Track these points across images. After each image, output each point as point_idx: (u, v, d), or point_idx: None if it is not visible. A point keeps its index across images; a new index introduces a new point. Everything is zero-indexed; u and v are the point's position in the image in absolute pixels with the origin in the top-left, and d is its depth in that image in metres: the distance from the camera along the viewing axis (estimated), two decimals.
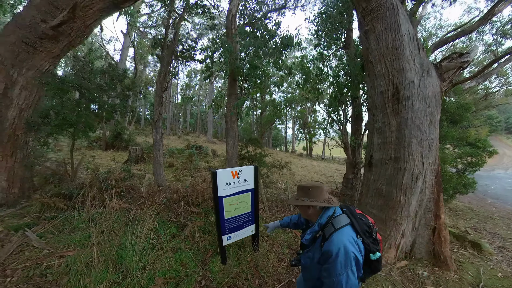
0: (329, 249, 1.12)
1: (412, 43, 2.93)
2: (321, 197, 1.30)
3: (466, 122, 6.45)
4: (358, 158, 5.67)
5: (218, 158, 11.98)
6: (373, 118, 3.22)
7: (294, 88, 24.94)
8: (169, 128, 25.15)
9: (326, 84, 6.15)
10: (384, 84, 2.98)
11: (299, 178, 9.76)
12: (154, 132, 4.94)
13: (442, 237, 2.88)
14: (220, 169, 2.35)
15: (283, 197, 5.87)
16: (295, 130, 31.60)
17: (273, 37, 4.55)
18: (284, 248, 2.89)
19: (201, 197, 3.50)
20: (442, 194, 3.07)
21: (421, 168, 2.75)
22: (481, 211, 6.64)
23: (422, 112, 2.82)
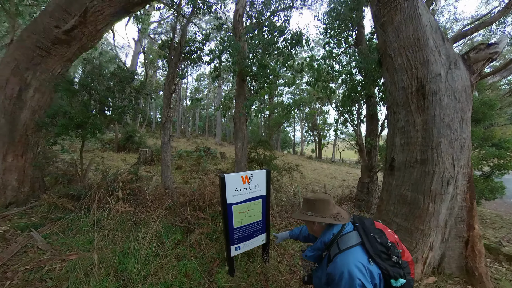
0: (332, 273, 1.00)
1: (435, 33, 2.66)
2: (327, 211, 1.16)
3: (490, 120, 5.89)
4: (374, 160, 5.30)
5: (227, 160, 11.91)
6: (394, 117, 2.93)
7: (302, 90, 24.61)
8: (179, 130, 25.64)
9: (338, 83, 5.90)
10: (406, 79, 2.70)
11: (309, 182, 9.42)
12: (162, 134, 4.91)
13: (477, 251, 2.52)
14: (229, 173, 2.18)
15: (293, 201, 5.60)
16: (303, 132, 31.10)
17: (283, 34, 4.39)
18: (296, 259, 2.66)
19: (209, 202, 3.36)
20: (475, 201, 2.70)
21: (452, 171, 2.43)
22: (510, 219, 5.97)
23: (451, 108, 2.51)
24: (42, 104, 3.64)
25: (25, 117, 3.45)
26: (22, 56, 3.47)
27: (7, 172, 3.31)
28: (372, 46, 4.78)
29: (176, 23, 5.21)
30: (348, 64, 5.46)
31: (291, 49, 4.45)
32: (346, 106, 5.39)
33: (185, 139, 22.85)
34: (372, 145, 5.25)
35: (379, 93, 5.11)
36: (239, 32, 4.87)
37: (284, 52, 4.52)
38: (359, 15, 5.14)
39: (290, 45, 4.40)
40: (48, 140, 3.66)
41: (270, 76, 4.72)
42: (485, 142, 5.71)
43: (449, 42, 2.87)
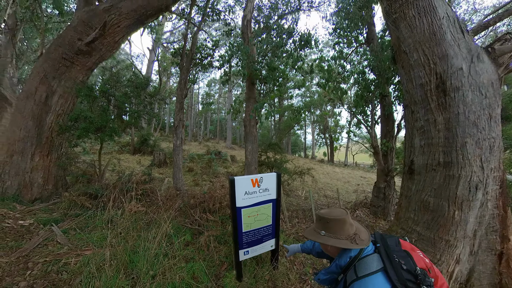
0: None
1: (453, 26, 2.48)
2: (342, 232, 1.00)
3: None
4: (391, 164, 5.01)
5: (237, 164, 11.96)
6: (412, 116, 2.76)
7: (312, 92, 24.26)
8: (191, 134, 26.37)
9: (349, 83, 5.73)
10: (424, 75, 2.54)
11: (321, 186, 9.13)
12: (174, 137, 5.06)
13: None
14: (239, 176, 2.15)
15: (305, 206, 5.44)
16: (315, 135, 30.48)
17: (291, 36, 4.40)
18: (307, 268, 2.54)
19: (219, 204, 3.35)
20: (509, 207, 2.42)
21: (480, 175, 2.20)
22: None
23: (477, 105, 2.30)
24: (66, 109, 3.96)
25: (51, 121, 3.78)
26: (49, 67, 3.83)
27: (34, 170, 3.60)
28: (384, 43, 4.60)
29: (187, 32, 5.44)
30: (359, 63, 5.30)
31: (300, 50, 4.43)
32: (359, 107, 5.19)
33: (197, 143, 23.44)
34: (388, 147, 4.98)
35: (394, 92, 4.87)
36: (248, 36, 4.96)
37: (293, 54, 4.51)
38: (369, 13, 5.01)
39: (299, 47, 4.39)
40: (70, 142, 3.95)
41: (280, 79, 4.71)
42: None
43: (470, 35, 2.67)
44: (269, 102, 6.08)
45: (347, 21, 5.18)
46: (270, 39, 4.56)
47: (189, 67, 5.15)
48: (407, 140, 2.92)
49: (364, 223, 4.41)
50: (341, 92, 5.30)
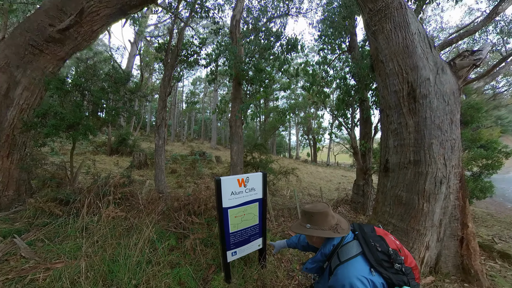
0: (333, 285, 0.98)
1: (423, 41, 2.78)
2: (326, 223, 1.12)
3: (477, 122, 6.16)
4: (368, 163, 5.38)
5: (222, 164, 11.80)
6: (387, 119, 3.00)
7: (297, 95, 24.96)
8: (174, 134, 25.37)
9: (332, 88, 6.04)
10: (398, 83, 2.79)
11: (305, 185, 9.42)
12: (156, 137, 4.83)
13: (471, 249, 2.57)
14: (225, 176, 2.14)
15: (290, 205, 5.57)
16: (299, 136, 31.36)
17: (279, 39, 4.49)
18: (294, 264, 2.61)
19: (204, 206, 3.28)
20: (467, 199, 2.77)
21: (444, 171, 2.49)
22: (502, 217, 6.23)
23: (441, 111, 2.60)
24: (31, 103, 3.51)
25: (12, 116, 3.31)
26: (13, 53, 3.38)
27: None
28: (364, 52, 4.94)
29: (173, 26, 5.24)
30: (341, 69, 5.63)
31: (287, 54, 4.55)
32: (341, 110, 5.51)
33: (180, 143, 22.61)
34: (366, 147, 5.34)
35: (372, 97, 5.24)
36: (236, 36, 4.95)
37: (280, 57, 4.61)
38: (351, 24, 5.36)
39: (286, 50, 4.50)
40: (36, 141, 3.52)
41: (266, 81, 4.78)
42: (474, 143, 6.00)
43: (436, 50, 3.01)
44: (255, 103, 6.12)
45: (331, 29, 5.48)
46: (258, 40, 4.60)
47: (174, 63, 4.96)
48: (382, 141, 3.18)
49: (346, 218, 4.65)
50: (324, 96, 5.57)
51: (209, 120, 34.54)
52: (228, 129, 31.22)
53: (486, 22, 5.78)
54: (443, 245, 2.61)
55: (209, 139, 30.65)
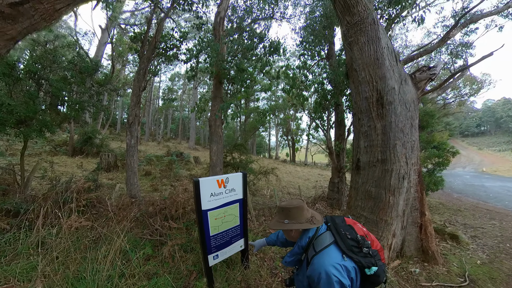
0: (311, 275, 1.06)
1: (390, 55, 3.11)
2: (302, 217, 1.20)
3: (431, 127, 7.20)
4: (342, 162, 5.78)
5: (201, 165, 11.43)
6: (358, 122, 3.27)
7: (277, 97, 25.52)
8: (148, 133, 23.70)
9: (310, 91, 6.36)
10: (368, 90, 3.05)
11: (284, 184, 9.69)
12: (128, 135, 4.44)
13: (428, 233, 2.98)
14: (204, 177, 2.07)
15: (270, 204, 5.67)
16: (278, 137, 32.11)
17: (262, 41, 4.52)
18: (277, 262, 2.67)
19: (182, 210, 3.13)
20: (424, 191, 3.20)
21: (406, 168, 2.82)
22: (450, 205, 7.33)
23: (403, 116, 2.93)
24: None
25: None
26: None
27: None
28: (340, 60, 5.31)
29: (153, 16, 4.85)
30: (319, 75, 5.97)
31: (269, 56, 4.61)
32: (318, 113, 5.83)
33: (155, 143, 21.25)
34: (340, 148, 5.74)
35: (346, 102, 5.65)
36: (219, 34, 4.82)
37: (262, 58, 4.65)
38: (331, 33, 5.75)
39: (269, 53, 4.55)
40: None
41: (248, 81, 4.77)
42: (428, 144, 7.04)
43: (401, 63, 3.40)
44: (236, 102, 6.07)
45: (312, 37, 5.78)
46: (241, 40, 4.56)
47: (151, 56, 4.59)
48: (355, 142, 3.47)
49: (323, 214, 4.93)
50: (303, 99, 5.82)
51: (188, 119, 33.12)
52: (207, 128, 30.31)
53: (440, 44, 6.90)
54: (406, 232, 2.96)
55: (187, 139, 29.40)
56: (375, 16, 3.05)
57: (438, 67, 3.61)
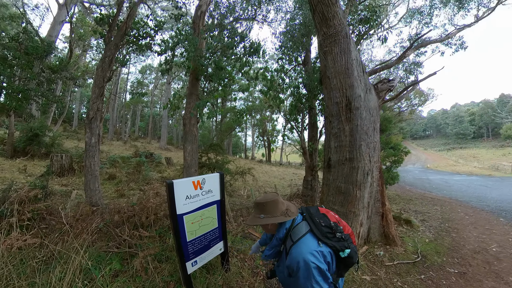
0: (290, 264, 1.09)
1: (359, 66, 3.45)
2: (277, 210, 1.22)
3: (389, 131, 8.37)
4: (315, 161, 6.17)
5: (174, 167, 10.80)
6: (329, 125, 3.54)
7: (254, 98, 25.75)
8: (112, 131, 21.31)
9: (287, 94, 6.62)
10: (339, 96, 3.33)
11: (261, 184, 9.84)
12: (87, 133, 3.89)
13: (389, 220, 3.45)
14: (178, 179, 1.95)
15: (248, 204, 5.69)
16: (254, 137, 32.42)
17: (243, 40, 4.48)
18: (257, 261, 2.69)
19: (154, 216, 2.89)
20: (384, 185, 3.66)
21: (369, 166, 3.17)
22: (404, 196, 8.70)
23: (368, 120, 3.28)
24: None
25: None
26: None
27: None
28: (315, 67, 5.66)
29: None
30: (296, 79, 6.27)
31: (249, 56, 4.60)
32: (293, 115, 6.12)
33: (121, 142, 19.27)
34: (313, 148, 6.12)
35: (319, 106, 6.04)
36: (199, 28, 4.59)
37: (241, 58, 4.61)
38: (308, 41, 6.09)
39: (249, 53, 4.54)
40: None
41: (226, 79, 4.68)
42: (386, 145, 8.37)
43: (366, 75, 3.80)
44: (213, 101, 5.91)
45: (291, 43, 6.03)
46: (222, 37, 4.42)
47: (119, 43, 4.07)
48: (326, 142, 3.75)
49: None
50: (279, 101, 6.03)
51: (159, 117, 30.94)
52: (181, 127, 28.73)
53: (397, 61, 8.16)
54: (371, 221, 3.35)
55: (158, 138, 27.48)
56: (348, 30, 3.37)
57: (396, 80, 4.17)
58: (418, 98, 21.91)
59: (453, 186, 12.10)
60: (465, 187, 11.81)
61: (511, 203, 7.41)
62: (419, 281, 2.60)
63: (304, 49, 6.19)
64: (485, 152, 38.23)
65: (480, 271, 2.89)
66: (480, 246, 3.67)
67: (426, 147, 54.09)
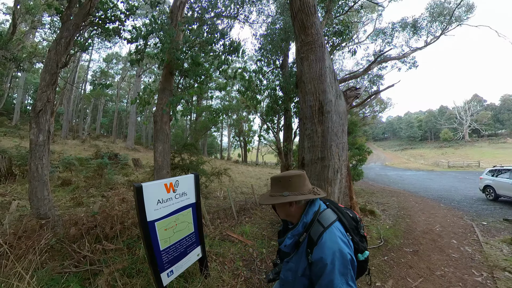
0: (322, 257, 0.85)
1: (331, 74, 3.77)
2: (305, 187, 1.01)
3: (355, 133, 9.37)
4: (290, 160, 6.44)
5: (143, 169, 9.96)
6: (303, 126, 3.76)
7: (232, 97, 25.48)
8: (67, 127, 18.56)
9: (264, 96, 6.78)
10: (312, 100, 3.56)
11: (238, 185, 9.79)
12: (33, 129, 3.26)
13: (357, 212, 3.82)
14: (148, 182, 1.79)
15: (224, 206, 5.60)
16: (230, 137, 32.14)
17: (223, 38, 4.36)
18: (237, 262, 2.66)
19: (120, 226, 2.61)
20: (351, 181, 4.05)
21: (339, 164, 3.47)
22: (368, 190, 10.09)
23: (337, 123, 3.59)
24: None
25: None
26: None
27: None
28: (292, 72, 5.94)
29: None
30: (273, 81, 6.48)
31: (228, 55, 4.50)
32: (269, 116, 6.30)
33: (78, 141, 16.94)
34: (288, 148, 6.39)
35: (294, 108, 6.34)
36: (177, 19, 4.28)
37: (220, 56, 4.49)
38: (286, 46, 6.37)
39: (228, 52, 4.45)
40: None
41: (203, 76, 4.51)
42: (353, 146, 9.43)
43: (337, 82, 4.15)
44: (187, 98, 5.64)
45: (270, 46, 6.21)
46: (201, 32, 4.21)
47: (81, 24, 3.49)
48: (300, 143, 3.98)
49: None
50: (257, 102, 6.13)
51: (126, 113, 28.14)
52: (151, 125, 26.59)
53: (364, 73, 9.41)
54: None
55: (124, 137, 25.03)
56: (323, 41, 3.68)
57: (362, 89, 4.68)
58: (379, 105, 25.40)
59: (405, 180, 14.61)
60: (414, 180, 14.39)
61: (447, 192, 9.38)
62: (384, 262, 3.00)
63: (283, 53, 6.45)
64: (429, 152, 45.62)
65: (428, 248, 3.55)
66: (427, 228, 4.48)
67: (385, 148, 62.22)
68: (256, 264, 2.68)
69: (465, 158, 31.01)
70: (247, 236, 3.49)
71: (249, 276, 2.42)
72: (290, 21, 4.18)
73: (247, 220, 4.31)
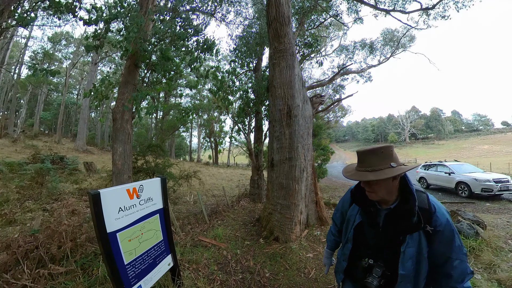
0: (448, 219, 0.83)
1: (300, 81, 4.10)
2: (398, 159, 0.93)
3: (320, 135, 10.37)
4: (260, 161, 6.65)
5: (98, 174, 8.75)
6: (273, 129, 4.00)
7: (203, 96, 24.63)
8: None
9: (236, 97, 6.85)
10: (282, 104, 3.80)
11: (208, 187, 9.53)
12: None
13: (321, 206, 4.25)
14: (106, 188, 1.60)
15: (195, 210, 5.40)
16: (201, 138, 31.02)
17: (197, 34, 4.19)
18: (212, 267, 2.59)
19: (70, 243, 2.25)
20: (316, 179, 4.45)
21: (305, 163, 3.79)
22: (331, 186, 11.38)
23: (304, 126, 3.92)
24: None
25: None
26: None
27: None
28: (264, 76, 6.18)
29: None
30: (246, 83, 6.59)
31: (201, 52, 4.35)
32: (241, 117, 6.41)
33: (7, 140, 13.76)
34: (258, 149, 6.61)
35: (264, 111, 6.59)
36: (147, 7, 3.90)
37: (193, 52, 4.30)
38: (261, 50, 6.58)
39: (201, 49, 4.29)
40: None
41: (172, 72, 4.26)
42: (318, 147, 10.62)
43: (305, 89, 4.52)
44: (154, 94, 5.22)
45: (245, 48, 6.32)
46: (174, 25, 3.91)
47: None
48: (270, 144, 4.21)
49: (247, 209, 5.37)
50: (228, 103, 6.16)
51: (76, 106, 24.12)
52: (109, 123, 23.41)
53: (329, 82, 10.87)
54: (309, 208, 4.02)
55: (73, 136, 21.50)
56: (294, 50, 3.96)
57: (326, 96, 5.22)
58: (340, 111, 28.94)
59: None
60: None
61: None
62: None
63: (257, 56, 6.67)
64: None
65: None
66: None
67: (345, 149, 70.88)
68: (231, 266, 2.67)
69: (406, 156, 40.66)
70: (220, 239, 3.45)
71: (225, 278, 2.41)
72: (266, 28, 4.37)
73: (220, 223, 4.25)
